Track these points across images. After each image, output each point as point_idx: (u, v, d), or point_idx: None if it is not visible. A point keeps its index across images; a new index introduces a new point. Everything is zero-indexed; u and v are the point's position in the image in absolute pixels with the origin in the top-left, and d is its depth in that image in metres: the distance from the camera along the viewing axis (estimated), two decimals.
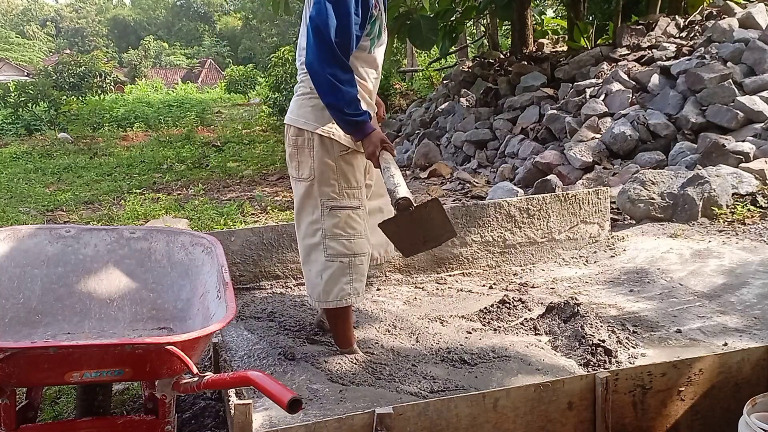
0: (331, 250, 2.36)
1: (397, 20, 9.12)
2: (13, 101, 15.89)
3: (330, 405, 2.20)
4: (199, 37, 61.31)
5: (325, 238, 2.35)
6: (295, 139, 2.35)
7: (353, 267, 2.39)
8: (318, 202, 2.36)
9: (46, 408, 2.46)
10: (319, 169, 2.33)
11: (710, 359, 1.95)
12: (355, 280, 2.41)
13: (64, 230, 2.37)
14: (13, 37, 54.81)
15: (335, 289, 2.37)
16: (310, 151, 2.33)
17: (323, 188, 2.34)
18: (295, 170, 2.39)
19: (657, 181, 4.49)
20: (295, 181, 2.42)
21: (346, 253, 2.37)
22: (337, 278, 2.37)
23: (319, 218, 2.36)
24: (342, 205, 2.36)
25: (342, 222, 2.36)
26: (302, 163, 2.36)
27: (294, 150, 2.37)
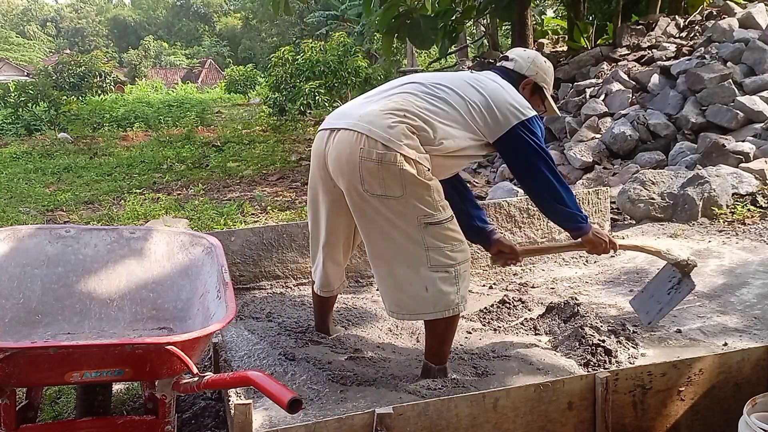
0: (434, 261, 2.29)
1: (397, 20, 9.12)
2: (13, 101, 15.88)
3: (330, 405, 2.20)
4: (199, 37, 61.33)
5: (427, 251, 2.28)
6: (382, 154, 2.23)
7: (458, 276, 2.33)
8: (414, 220, 2.28)
9: (46, 408, 2.46)
10: (411, 186, 2.25)
11: (710, 359, 1.95)
12: (461, 289, 2.34)
13: (64, 230, 2.37)
14: (13, 37, 54.83)
15: (443, 300, 2.30)
16: (399, 169, 2.23)
17: (417, 205, 2.27)
18: (380, 187, 2.25)
19: (657, 181, 4.49)
20: (379, 198, 2.27)
21: (450, 263, 2.31)
22: (445, 289, 2.30)
23: (418, 234, 2.28)
24: (438, 220, 2.30)
25: (441, 234, 2.30)
26: (388, 180, 2.24)
27: (377, 165, 2.23)
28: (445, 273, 2.30)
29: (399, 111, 2.30)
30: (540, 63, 2.65)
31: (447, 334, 2.43)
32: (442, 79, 2.46)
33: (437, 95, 2.38)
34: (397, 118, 2.29)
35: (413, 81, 2.47)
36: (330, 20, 27.75)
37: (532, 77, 2.62)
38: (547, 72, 2.67)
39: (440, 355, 2.44)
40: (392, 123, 2.27)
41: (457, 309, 2.34)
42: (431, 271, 2.29)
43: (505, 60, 2.69)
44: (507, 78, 2.57)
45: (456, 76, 2.52)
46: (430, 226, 2.28)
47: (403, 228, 2.28)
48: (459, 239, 2.36)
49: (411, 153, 2.25)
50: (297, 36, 35.06)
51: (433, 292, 2.29)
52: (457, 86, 2.42)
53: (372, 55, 22.52)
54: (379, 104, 2.36)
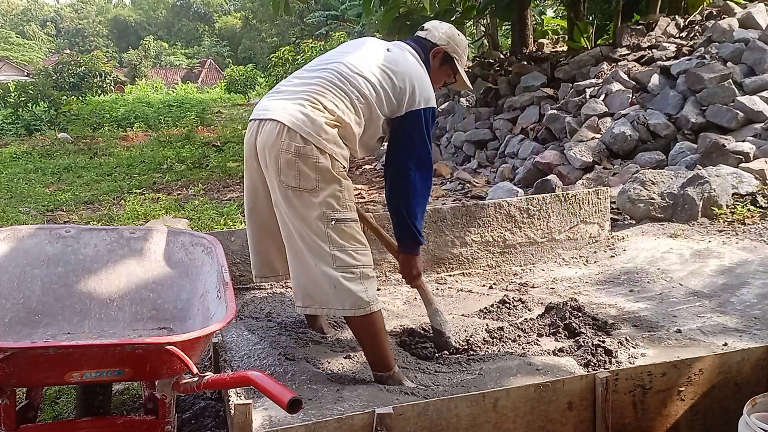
0: (339, 262, 2.30)
1: (397, 20, 9.13)
2: (13, 101, 15.89)
3: (330, 405, 2.20)
4: (199, 37, 61.32)
5: (332, 250, 2.29)
6: (300, 147, 2.26)
7: (364, 277, 2.34)
8: (322, 214, 2.29)
9: (46, 408, 2.47)
10: (325, 181, 2.28)
11: (710, 359, 1.95)
12: (369, 288, 2.35)
13: (64, 230, 2.37)
14: (13, 37, 54.81)
15: (351, 298, 2.30)
16: (315, 163, 2.26)
17: (328, 200, 2.29)
18: (294, 179, 2.28)
19: (657, 181, 4.49)
20: (293, 190, 2.29)
21: (355, 263, 2.32)
22: (351, 288, 2.30)
23: (323, 230, 2.29)
24: (345, 218, 2.32)
25: (346, 234, 2.31)
26: (303, 173, 2.27)
27: (295, 158, 2.26)
28: (350, 273, 2.31)
29: (320, 105, 2.33)
30: (452, 34, 2.71)
31: (372, 336, 2.39)
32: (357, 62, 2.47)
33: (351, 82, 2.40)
34: (319, 112, 2.32)
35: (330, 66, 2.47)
36: (330, 20, 27.76)
37: (443, 46, 2.67)
38: (458, 44, 2.71)
39: (380, 361, 2.40)
40: (314, 116, 2.30)
41: (368, 308, 2.33)
42: (336, 270, 2.30)
43: (421, 30, 2.76)
44: (419, 46, 2.65)
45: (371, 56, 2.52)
46: (337, 224, 2.30)
47: (310, 222, 2.30)
48: (363, 243, 2.38)
49: (329, 147, 2.29)
50: (297, 36, 35.06)
51: (341, 290, 2.30)
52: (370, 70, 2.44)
53: None
54: (300, 94, 2.38)
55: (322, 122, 2.29)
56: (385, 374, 2.39)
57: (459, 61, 2.72)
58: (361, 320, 2.36)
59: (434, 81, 2.65)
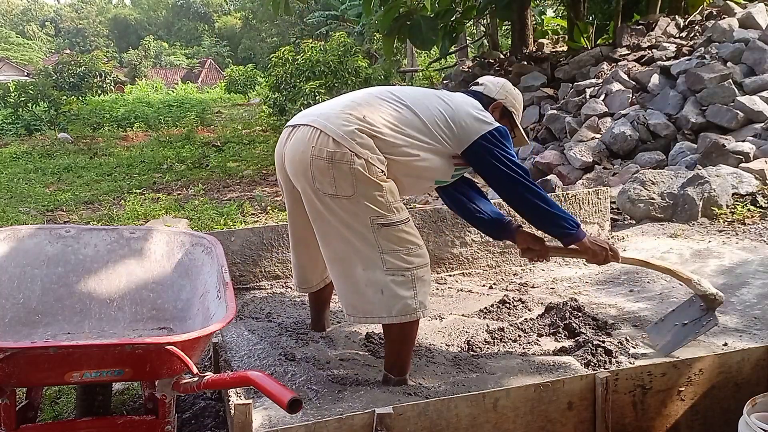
0: (389, 264, 2.24)
1: (398, 20, 9.13)
2: (13, 101, 15.89)
3: (330, 405, 2.20)
4: (199, 37, 61.33)
5: (382, 254, 2.23)
6: (332, 152, 2.19)
7: (416, 280, 2.27)
8: (367, 220, 2.22)
9: (46, 408, 2.47)
10: (362, 185, 2.21)
11: (710, 359, 1.95)
12: (419, 293, 2.28)
13: (64, 230, 2.37)
14: (13, 37, 54.81)
15: (399, 305, 2.24)
16: (350, 168, 2.19)
17: (370, 205, 2.22)
18: (331, 186, 2.20)
19: (657, 181, 4.49)
20: (331, 197, 2.22)
21: (407, 266, 2.26)
22: (401, 293, 2.24)
23: (371, 236, 2.23)
24: (393, 221, 2.25)
25: (395, 237, 2.25)
26: (339, 179, 2.19)
27: (328, 164, 2.19)
28: (401, 277, 2.25)
29: (358, 113, 2.28)
30: (509, 88, 2.65)
31: (404, 341, 2.35)
32: (411, 91, 2.46)
33: (402, 102, 2.36)
34: (354, 118, 2.26)
35: (382, 90, 2.45)
36: (330, 20, 27.77)
37: (501, 101, 2.60)
38: (516, 98, 2.66)
39: (399, 365, 2.37)
40: (346, 122, 2.24)
41: (414, 315, 2.27)
42: (387, 274, 2.23)
43: (475, 85, 2.68)
44: (476, 98, 2.56)
45: (425, 90, 2.54)
46: (384, 228, 2.23)
47: (356, 229, 2.24)
48: (415, 243, 2.31)
49: (363, 152, 2.21)
50: (297, 36, 35.03)
51: (389, 295, 2.23)
52: (424, 96, 2.42)
53: (372, 55, 22.52)
54: (341, 104, 2.34)
55: (354, 128, 2.22)
56: (396, 378, 2.36)
57: (516, 115, 2.66)
58: (402, 326, 2.30)
59: None
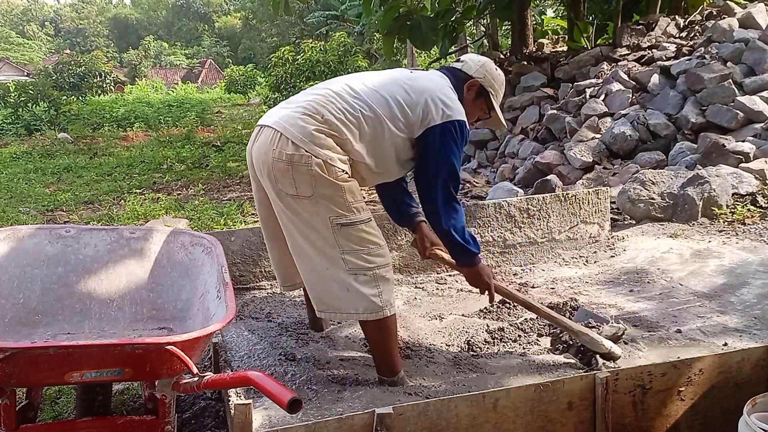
0: (351, 264, 2.26)
1: (398, 20, 9.13)
2: (13, 101, 15.90)
3: (330, 405, 2.20)
4: (199, 37, 61.33)
5: (343, 254, 2.25)
6: (291, 155, 2.21)
7: (378, 278, 2.29)
8: (326, 220, 2.25)
9: (46, 408, 2.47)
10: (321, 187, 2.23)
11: (710, 359, 1.95)
12: (384, 292, 2.30)
13: (64, 230, 2.37)
14: (13, 37, 54.82)
15: (365, 302, 2.26)
16: (308, 169, 2.21)
17: (329, 206, 2.24)
18: (292, 187, 2.23)
19: (657, 181, 4.49)
20: (292, 198, 2.25)
21: (368, 266, 2.27)
22: (365, 291, 2.26)
23: (331, 236, 2.25)
24: (352, 221, 2.26)
25: (355, 237, 2.26)
26: (299, 180, 2.21)
27: (287, 166, 2.21)
28: (363, 276, 2.26)
29: (316, 113, 2.27)
30: (489, 68, 2.59)
31: (383, 340, 2.36)
32: (370, 81, 2.42)
33: (358, 97, 2.33)
34: (311, 119, 2.26)
35: (344, 81, 2.43)
36: (330, 20, 27.78)
37: (478, 79, 2.55)
38: (496, 79, 2.60)
39: (387, 365, 2.38)
40: (305, 123, 2.24)
41: (381, 313, 2.28)
42: (349, 274, 2.25)
43: (457, 62, 2.65)
44: (453, 77, 2.54)
45: (389, 75, 2.48)
46: (343, 228, 2.25)
47: (317, 228, 2.26)
48: (376, 243, 2.32)
49: (321, 153, 2.22)
50: (297, 36, 35.03)
51: (354, 293, 2.26)
52: (383, 86, 2.38)
53: (372, 55, 22.53)
54: (302, 104, 2.33)
55: (311, 129, 2.23)
56: (389, 379, 2.37)
57: (495, 96, 2.61)
58: (373, 324, 2.32)
59: (469, 114, 2.53)
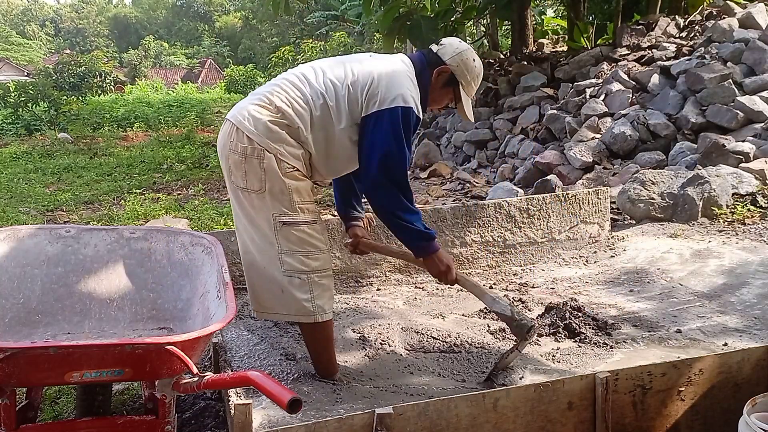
0: (287, 266, 2.25)
1: (398, 20, 9.13)
2: (13, 101, 15.89)
3: (330, 405, 2.20)
4: (199, 37, 61.32)
5: (280, 254, 2.25)
6: (245, 147, 2.21)
7: (312, 284, 2.28)
8: (270, 217, 2.23)
9: (46, 408, 2.47)
10: (270, 182, 2.22)
11: (710, 359, 1.94)
12: (317, 297, 2.28)
13: (64, 230, 2.36)
14: (13, 37, 54.80)
15: (296, 306, 2.27)
16: (260, 163, 2.21)
17: (274, 202, 2.24)
18: (242, 180, 2.23)
19: (657, 181, 4.49)
20: (241, 191, 2.26)
21: (303, 269, 2.27)
22: (298, 295, 2.26)
23: (271, 233, 2.25)
24: (295, 221, 2.25)
25: (295, 237, 2.26)
26: (250, 173, 2.22)
27: (241, 158, 2.22)
28: (297, 279, 2.26)
29: (270, 103, 2.26)
30: (466, 58, 2.44)
31: (317, 343, 2.38)
32: (324, 65, 2.37)
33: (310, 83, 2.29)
34: (265, 110, 2.25)
35: (300, 68, 2.40)
36: (330, 20, 27.75)
37: (450, 66, 2.43)
38: (470, 71, 2.45)
39: (322, 367, 2.41)
40: (259, 115, 2.24)
41: (312, 318, 2.28)
42: (284, 275, 2.25)
43: (436, 44, 2.53)
44: (423, 61, 2.45)
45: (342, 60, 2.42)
46: (285, 227, 2.24)
47: (259, 224, 2.26)
48: (317, 246, 2.30)
49: (274, 147, 2.22)
50: (297, 36, 35.02)
51: (288, 295, 2.26)
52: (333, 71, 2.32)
53: None
54: (258, 94, 2.32)
55: (266, 120, 2.22)
56: (327, 380, 2.40)
57: (465, 87, 2.47)
58: (306, 327, 2.34)
59: (434, 100, 2.51)
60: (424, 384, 2.39)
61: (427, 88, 2.42)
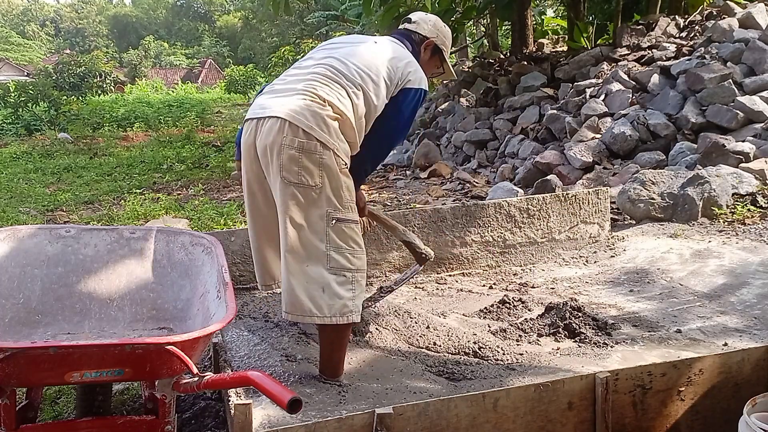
0: (334, 263, 2.25)
1: (398, 20, 9.12)
2: (13, 101, 15.90)
3: (330, 405, 2.20)
4: (199, 37, 61.32)
5: (329, 250, 2.25)
6: (303, 143, 2.22)
7: (355, 282, 2.30)
8: (324, 213, 2.24)
9: (46, 408, 2.47)
10: (328, 178, 2.24)
11: (710, 359, 1.94)
12: (357, 296, 2.30)
13: (64, 230, 2.36)
14: (13, 37, 54.82)
15: (337, 305, 2.25)
16: (319, 158, 2.22)
17: (330, 199, 2.25)
18: (297, 176, 2.22)
19: (657, 181, 4.49)
20: (296, 186, 2.23)
21: (349, 267, 2.28)
22: (340, 293, 2.26)
23: (323, 229, 2.25)
24: (347, 218, 2.28)
25: (345, 234, 2.27)
26: (307, 169, 2.22)
27: (298, 154, 2.21)
28: (342, 276, 2.27)
29: (319, 99, 2.29)
30: (440, 26, 2.74)
31: (337, 343, 2.38)
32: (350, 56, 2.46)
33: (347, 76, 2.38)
34: (318, 105, 2.28)
35: (323, 62, 2.44)
36: (330, 20, 27.73)
37: (433, 39, 2.70)
38: (446, 36, 2.76)
39: (332, 367, 2.41)
40: (313, 109, 2.26)
41: (350, 317, 2.28)
42: (330, 272, 2.25)
43: (407, 22, 2.74)
44: (408, 39, 2.66)
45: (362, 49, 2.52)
46: (338, 224, 2.27)
47: (311, 220, 2.26)
48: (361, 245, 2.34)
49: (331, 143, 2.25)
50: (297, 36, 35.03)
51: (329, 294, 2.25)
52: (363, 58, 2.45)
53: None
54: (299, 90, 2.33)
55: (323, 115, 2.25)
56: (330, 380, 2.39)
57: (446, 51, 2.77)
58: (336, 327, 2.31)
59: (426, 72, 2.63)
60: (424, 384, 2.39)
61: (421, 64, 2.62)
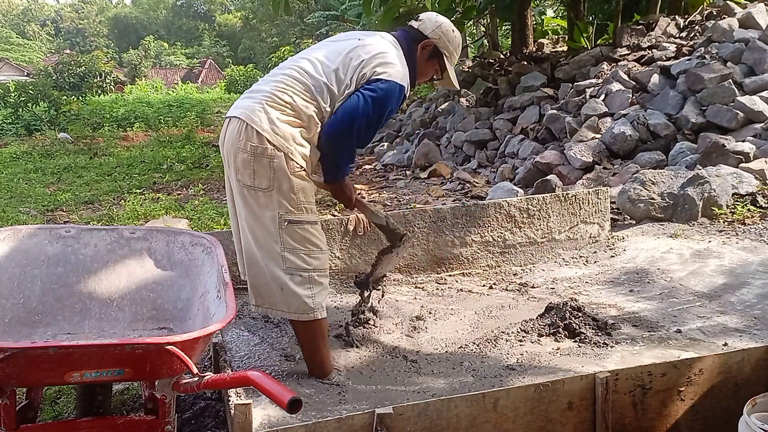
0: (289, 264, 2.29)
1: (398, 20, 9.14)
2: (13, 101, 15.89)
3: (330, 405, 2.20)
4: (199, 37, 61.32)
5: (283, 251, 2.28)
6: (256, 146, 2.23)
7: (313, 281, 2.32)
8: (276, 215, 2.27)
9: (46, 408, 2.47)
10: (278, 180, 2.25)
11: (710, 359, 1.95)
12: (317, 294, 2.33)
13: (64, 230, 2.37)
14: (13, 37, 54.85)
15: (296, 303, 2.30)
16: (270, 162, 2.24)
17: (282, 201, 2.27)
18: (250, 178, 2.26)
19: (657, 181, 4.49)
20: (248, 189, 2.28)
21: (305, 267, 2.31)
22: (298, 292, 2.29)
23: (276, 231, 2.28)
24: (300, 219, 2.30)
25: (299, 235, 2.30)
26: (258, 172, 2.25)
27: (250, 157, 2.24)
28: (299, 277, 2.30)
29: (280, 101, 2.29)
30: (446, 30, 2.57)
31: (312, 341, 2.40)
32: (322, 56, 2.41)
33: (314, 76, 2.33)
34: (277, 107, 2.28)
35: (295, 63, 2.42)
36: (330, 20, 27.74)
37: (433, 40, 2.55)
38: (451, 41, 2.58)
39: (317, 366, 2.42)
40: (271, 113, 2.26)
41: (312, 315, 2.31)
42: (285, 273, 2.28)
43: (415, 20, 2.63)
44: (408, 36, 2.56)
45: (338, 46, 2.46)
46: (290, 225, 2.28)
47: (264, 223, 2.28)
48: (318, 246, 2.35)
49: (284, 146, 2.25)
50: (297, 36, 35.04)
51: (288, 293, 2.29)
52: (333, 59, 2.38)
53: None
54: (264, 92, 2.34)
55: (275, 118, 2.26)
56: (321, 380, 2.40)
57: (449, 58, 2.60)
58: (303, 325, 2.36)
59: (420, 74, 2.60)
60: (425, 384, 2.39)
61: (414, 63, 2.53)
